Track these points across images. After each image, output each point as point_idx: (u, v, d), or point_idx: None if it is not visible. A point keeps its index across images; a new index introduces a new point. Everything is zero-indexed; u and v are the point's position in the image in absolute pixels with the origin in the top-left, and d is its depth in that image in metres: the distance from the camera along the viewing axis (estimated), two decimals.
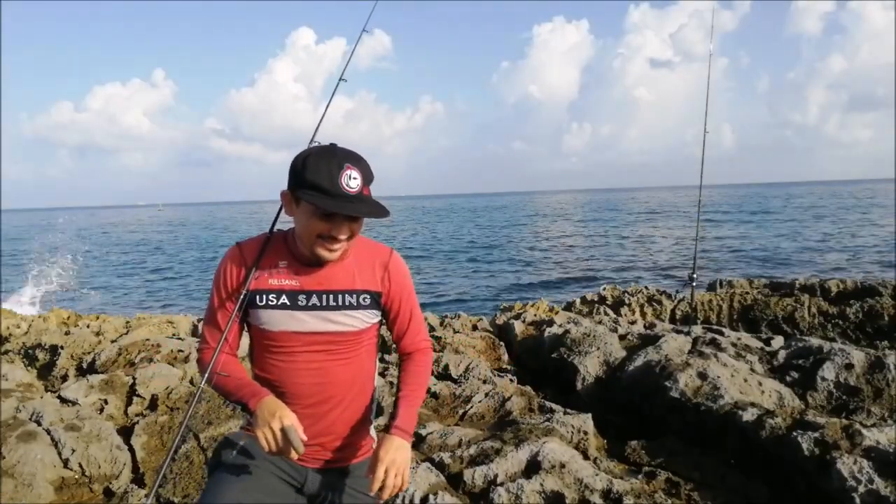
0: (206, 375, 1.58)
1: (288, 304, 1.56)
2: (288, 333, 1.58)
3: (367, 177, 1.47)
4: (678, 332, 4.76)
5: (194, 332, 6.19)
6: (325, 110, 2.07)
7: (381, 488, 1.45)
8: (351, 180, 1.43)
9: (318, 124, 1.96)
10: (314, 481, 1.64)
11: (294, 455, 1.41)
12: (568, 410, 3.63)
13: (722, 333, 4.56)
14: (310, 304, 1.57)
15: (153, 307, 15.79)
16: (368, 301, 1.62)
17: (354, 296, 1.60)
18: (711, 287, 7.82)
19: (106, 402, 4.08)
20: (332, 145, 1.51)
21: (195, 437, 3.45)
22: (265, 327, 1.58)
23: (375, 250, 1.67)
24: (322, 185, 1.42)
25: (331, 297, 1.58)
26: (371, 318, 1.65)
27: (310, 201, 1.43)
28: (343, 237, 1.49)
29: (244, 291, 1.56)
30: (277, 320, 1.57)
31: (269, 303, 1.57)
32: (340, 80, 2.26)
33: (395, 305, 1.68)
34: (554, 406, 3.75)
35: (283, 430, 1.41)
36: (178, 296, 18.38)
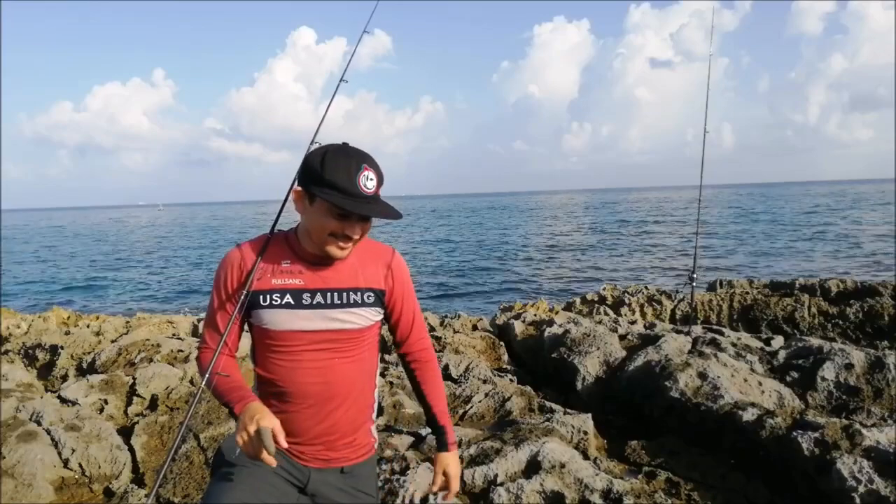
0: (206, 377, 1.58)
1: (292, 303, 1.56)
2: (292, 332, 1.57)
3: (381, 178, 1.51)
4: (678, 332, 4.77)
5: (194, 332, 6.19)
6: (326, 111, 2.07)
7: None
8: (368, 181, 1.46)
9: (319, 125, 1.96)
10: (317, 481, 1.64)
11: (267, 458, 1.38)
12: (568, 410, 3.64)
13: (722, 333, 4.57)
14: (314, 302, 1.57)
15: (152, 307, 15.78)
16: (372, 299, 1.63)
17: (359, 293, 1.60)
18: (711, 287, 7.83)
19: (106, 402, 4.08)
20: (346, 144, 1.52)
21: (195, 437, 3.46)
22: (268, 327, 1.58)
23: (377, 249, 1.68)
24: (341, 185, 1.43)
25: (335, 294, 1.58)
26: (375, 315, 1.65)
27: (328, 200, 1.44)
28: (356, 237, 1.52)
29: (245, 293, 1.56)
30: (281, 320, 1.57)
31: (273, 302, 1.56)
32: (341, 80, 2.25)
33: (399, 304, 1.69)
34: (554, 406, 3.75)
35: (257, 432, 1.39)
36: (177, 295, 18.38)
